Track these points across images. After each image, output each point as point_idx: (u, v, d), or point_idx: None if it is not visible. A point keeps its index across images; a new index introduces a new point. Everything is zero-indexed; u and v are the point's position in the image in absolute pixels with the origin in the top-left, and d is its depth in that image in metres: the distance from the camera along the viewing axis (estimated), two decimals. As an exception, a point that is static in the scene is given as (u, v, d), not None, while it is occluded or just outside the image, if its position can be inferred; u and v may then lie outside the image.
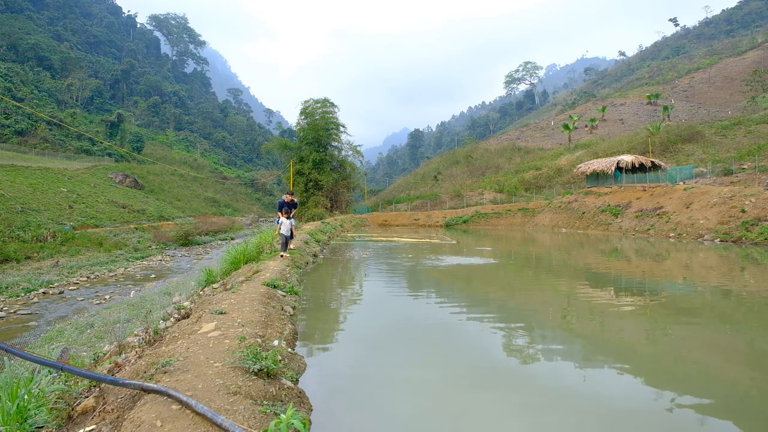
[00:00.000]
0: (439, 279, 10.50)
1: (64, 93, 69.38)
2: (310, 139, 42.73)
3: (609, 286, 9.40)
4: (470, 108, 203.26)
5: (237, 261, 10.06)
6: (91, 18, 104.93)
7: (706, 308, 7.26)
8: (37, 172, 35.76)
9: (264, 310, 5.47)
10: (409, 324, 6.51)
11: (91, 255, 20.81)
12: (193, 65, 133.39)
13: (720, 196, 20.19)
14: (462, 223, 37.60)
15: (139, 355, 4.29)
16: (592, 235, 24.19)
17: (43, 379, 3.32)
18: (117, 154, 62.10)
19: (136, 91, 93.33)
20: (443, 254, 15.85)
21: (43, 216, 25.38)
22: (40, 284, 14.22)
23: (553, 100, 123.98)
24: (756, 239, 16.24)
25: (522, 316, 7.09)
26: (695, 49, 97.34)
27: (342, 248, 18.32)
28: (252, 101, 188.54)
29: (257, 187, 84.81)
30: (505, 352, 5.20)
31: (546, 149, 59.06)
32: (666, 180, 26.92)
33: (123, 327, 6.90)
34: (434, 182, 57.73)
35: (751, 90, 56.08)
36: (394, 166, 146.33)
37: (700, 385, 4.20)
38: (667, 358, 4.89)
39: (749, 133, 37.56)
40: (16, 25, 72.53)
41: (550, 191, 40.65)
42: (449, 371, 4.52)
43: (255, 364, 3.36)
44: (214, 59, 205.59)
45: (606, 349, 5.33)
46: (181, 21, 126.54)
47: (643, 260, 13.72)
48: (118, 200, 37.85)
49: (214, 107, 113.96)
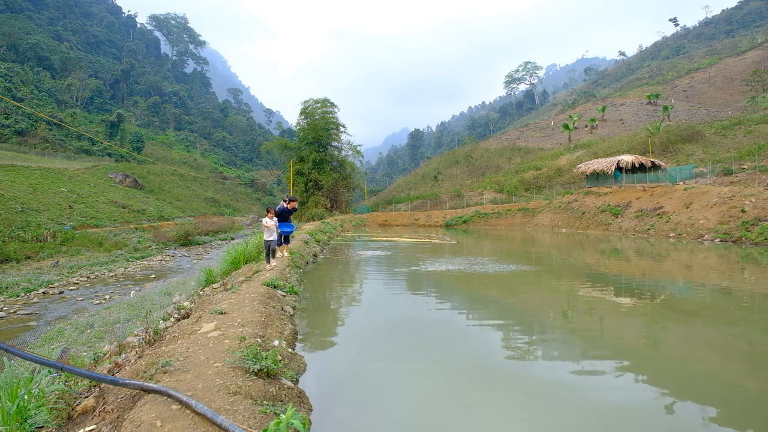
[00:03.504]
0: (439, 279, 10.50)
1: (64, 93, 69.36)
2: (310, 139, 42.75)
3: (609, 286, 9.40)
4: (470, 108, 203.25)
5: (237, 261, 10.08)
6: (91, 18, 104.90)
7: (706, 308, 7.26)
8: (37, 172, 35.75)
9: (264, 310, 5.47)
10: (409, 324, 6.51)
11: (91, 255, 20.81)
12: (193, 65, 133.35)
13: (720, 196, 20.19)
14: (462, 223, 37.61)
15: (139, 355, 4.29)
16: (592, 235, 24.18)
17: (43, 379, 3.33)
18: (117, 154, 62.09)
19: (136, 91, 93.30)
20: (444, 256, 15.84)
21: (43, 216, 25.38)
22: (40, 284, 14.22)
23: (553, 100, 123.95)
24: (756, 239, 16.24)
25: (522, 316, 7.10)
26: (695, 49, 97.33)
27: (342, 248, 18.32)
28: (252, 101, 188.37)
29: (257, 187, 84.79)
30: (505, 351, 5.20)
31: (546, 149, 59.05)
32: (666, 180, 26.91)
33: (123, 327, 6.90)
34: (434, 182, 57.71)
35: (751, 90, 56.06)
36: (394, 166, 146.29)
37: (701, 385, 4.20)
38: (667, 358, 4.89)
39: (749, 133, 37.55)
40: (16, 25, 72.51)
41: (550, 191, 40.63)
42: (449, 371, 4.52)
43: (255, 364, 3.36)
44: (214, 59, 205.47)
45: (606, 349, 5.32)
46: (181, 21, 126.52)
47: (643, 260, 13.72)
48: (118, 200, 37.85)
49: (214, 107, 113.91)
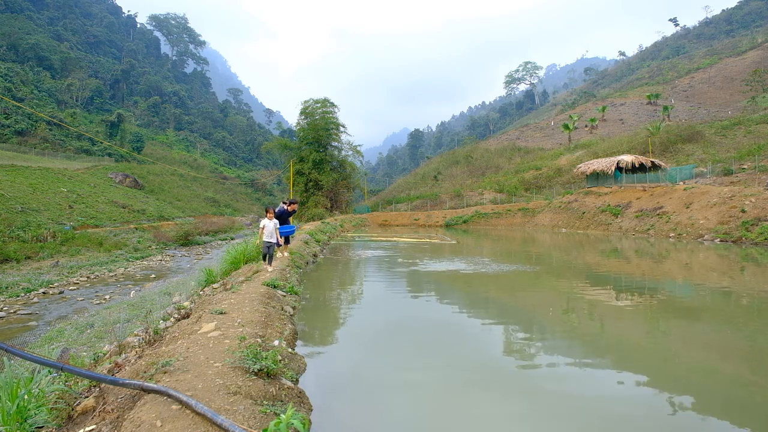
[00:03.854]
0: (439, 279, 10.49)
1: (64, 93, 69.36)
2: (310, 139, 42.74)
3: (609, 286, 9.40)
4: (470, 108, 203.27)
5: (237, 261, 10.08)
6: (91, 18, 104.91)
7: (706, 308, 7.26)
8: (37, 172, 35.76)
9: (264, 310, 5.47)
10: (409, 324, 6.50)
11: (91, 255, 20.81)
12: (193, 65, 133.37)
13: (720, 196, 20.19)
14: (462, 223, 37.61)
15: (139, 355, 4.29)
16: (592, 235, 24.18)
17: (43, 379, 3.32)
18: (117, 154, 62.09)
19: (136, 91, 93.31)
20: (445, 257, 15.83)
21: (43, 216, 25.39)
22: (40, 284, 14.22)
23: (553, 100, 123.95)
24: (756, 239, 16.24)
25: (522, 316, 7.10)
26: (695, 49, 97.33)
27: (342, 248, 18.32)
28: (252, 101, 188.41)
29: (257, 187, 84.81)
30: (505, 351, 5.20)
31: (546, 149, 59.05)
32: (666, 180, 26.91)
33: (123, 327, 6.90)
34: (434, 182, 57.71)
35: (751, 90, 56.06)
36: (394, 166, 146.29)
37: (701, 385, 4.20)
38: (667, 358, 4.89)
39: (749, 133, 37.55)
40: (16, 25, 72.51)
41: (550, 191, 40.64)
42: (449, 371, 4.51)
43: (255, 364, 3.36)
44: (214, 59, 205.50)
45: (606, 349, 5.32)
46: (181, 21, 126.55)
47: (642, 260, 13.72)
48: (118, 200, 37.85)
49: (214, 107, 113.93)
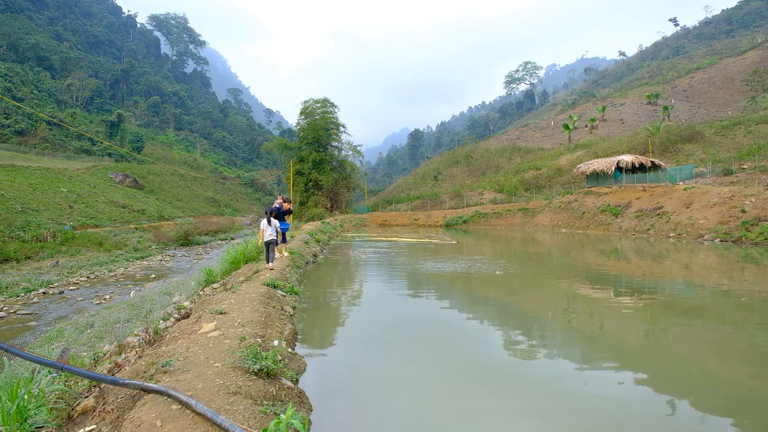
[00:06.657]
0: (439, 279, 10.49)
1: (64, 93, 69.35)
2: (310, 139, 42.73)
3: (609, 286, 9.40)
4: (470, 108, 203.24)
5: (237, 261, 10.08)
6: (91, 18, 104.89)
7: (706, 308, 7.26)
8: (37, 172, 35.76)
9: (264, 310, 5.47)
10: (409, 324, 6.51)
11: (91, 255, 20.81)
12: (193, 65, 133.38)
13: (720, 196, 20.18)
14: (462, 223, 37.60)
15: (139, 355, 4.28)
16: (592, 235, 24.18)
17: (43, 379, 3.33)
18: (117, 154, 62.08)
19: (136, 91, 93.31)
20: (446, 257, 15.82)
21: (43, 216, 25.39)
22: (40, 284, 14.23)
23: (553, 100, 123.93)
24: (756, 239, 16.23)
25: (522, 315, 7.10)
26: (695, 49, 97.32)
27: (342, 248, 18.32)
28: (252, 101, 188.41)
29: (257, 187, 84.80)
30: (505, 351, 5.20)
31: (546, 149, 59.03)
32: (666, 180, 26.91)
33: (123, 327, 6.90)
34: (434, 182, 57.70)
35: (751, 90, 56.04)
36: (394, 166, 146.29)
37: (701, 385, 4.20)
38: (667, 358, 4.89)
39: (749, 133, 37.54)
40: (16, 25, 72.48)
41: (550, 191, 40.62)
42: (449, 371, 4.52)
43: (255, 364, 3.36)
44: (214, 59, 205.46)
45: (606, 348, 5.32)
46: (181, 21, 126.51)
47: (643, 260, 13.71)
48: (118, 200, 37.85)
49: (214, 107, 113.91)
